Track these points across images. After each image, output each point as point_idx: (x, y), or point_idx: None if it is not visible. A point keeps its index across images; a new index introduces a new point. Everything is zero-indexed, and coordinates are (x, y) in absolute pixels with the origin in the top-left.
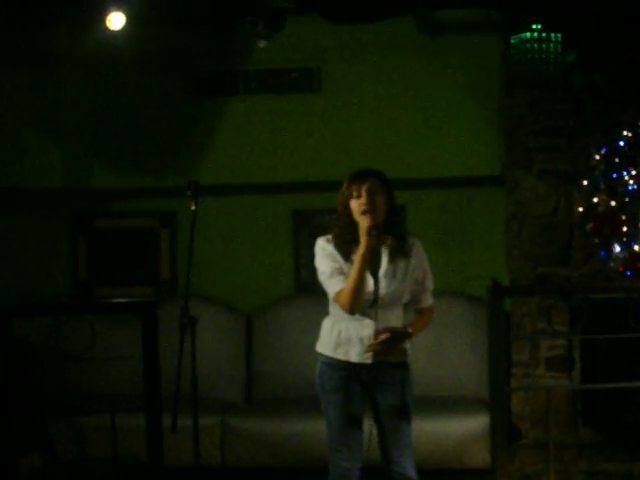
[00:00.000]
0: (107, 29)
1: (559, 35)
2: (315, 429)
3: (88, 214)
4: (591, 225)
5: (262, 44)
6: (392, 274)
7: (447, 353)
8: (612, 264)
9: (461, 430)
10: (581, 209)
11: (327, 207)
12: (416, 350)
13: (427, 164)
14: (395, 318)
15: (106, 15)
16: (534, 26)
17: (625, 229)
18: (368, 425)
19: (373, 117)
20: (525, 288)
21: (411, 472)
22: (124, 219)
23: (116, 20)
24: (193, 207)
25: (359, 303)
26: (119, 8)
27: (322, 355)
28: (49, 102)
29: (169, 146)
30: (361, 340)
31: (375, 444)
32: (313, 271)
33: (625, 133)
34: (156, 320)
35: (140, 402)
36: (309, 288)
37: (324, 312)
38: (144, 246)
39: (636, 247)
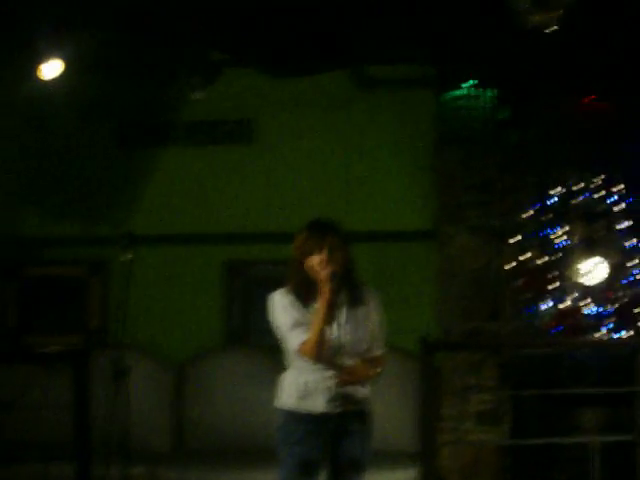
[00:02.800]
0: (41, 77)
1: (494, 91)
2: None
3: (17, 262)
4: (522, 281)
5: (197, 96)
6: (353, 321)
7: (376, 405)
8: (541, 320)
9: None
10: (512, 264)
11: (261, 258)
12: None
13: (359, 218)
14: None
15: (41, 63)
16: (467, 83)
17: (555, 285)
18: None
19: (306, 170)
20: (454, 344)
21: None
22: (54, 267)
23: (49, 69)
24: (130, 256)
25: (325, 351)
26: (55, 55)
27: (284, 409)
28: None
29: (101, 195)
30: (328, 389)
31: None
32: (244, 322)
33: (556, 189)
34: (87, 369)
35: (70, 451)
36: (240, 339)
37: (255, 363)
38: (73, 295)
39: (565, 304)
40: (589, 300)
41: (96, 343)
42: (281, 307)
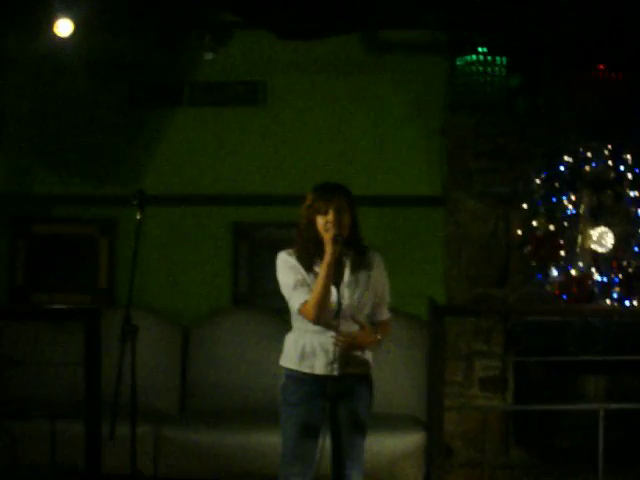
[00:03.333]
0: (54, 35)
1: (504, 59)
2: (248, 441)
3: (27, 219)
4: (529, 248)
5: (208, 56)
6: (355, 285)
7: (382, 370)
8: (549, 287)
9: (394, 447)
10: (520, 232)
11: (268, 221)
12: None
13: (368, 181)
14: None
15: (54, 21)
16: (480, 49)
17: (563, 253)
18: (321, 440)
19: (316, 133)
20: (463, 308)
21: None
22: (64, 225)
23: (64, 27)
24: (138, 216)
25: (324, 313)
26: (67, 15)
27: (286, 369)
28: None
29: (112, 154)
30: (326, 352)
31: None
32: (251, 284)
33: (566, 158)
34: (99, 328)
35: (79, 409)
36: (247, 301)
37: (261, 325)
38: (83, 253)
39: (573, 271)
40: (596, 268)
41: (104, 302)
42: (286, 267)
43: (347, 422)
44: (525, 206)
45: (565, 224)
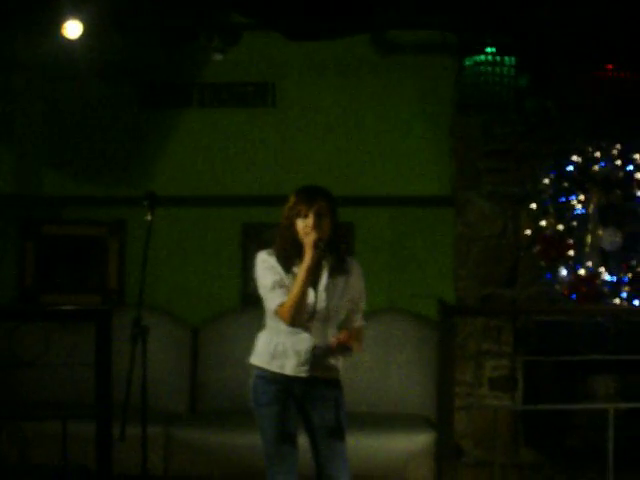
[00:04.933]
0: (63, 37)
1: (513, 59)
2: (258, 441)
3: (37, 221)
4: (538, 248)
5: (217, 57)
6: (331, 289)
7: (391, 370)
8: (557, 287)
9: (404, 446)
10: (529, 232)
11: (277, 222)
12: (361, 366)
13: (377, 182)
14: (331, 334)
15: (63, 23)
16: (488, 49)
17: (571, 253)
18: (305, 443)
19: (325, 134)
20: (472, 308)
21: None
22: (73, 227)
23: (72, 28)
24: (149, 217)
25: (300, 316)
26: (76, 16)
27: (256, 368)
28: (2, 107)
29: (121, 155)
30: (297, 353)
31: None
32: None
33: (574, 158)
34: (110, 328)
35: (90, 410)
36: (256, 301)
37: None
38: (92, 254)
39: (582, 271)
40: (605, 268)
41: (114, 303)
42: (264, 267)
43: (321, 426)
44: (534, 206)
45: (574, 224)
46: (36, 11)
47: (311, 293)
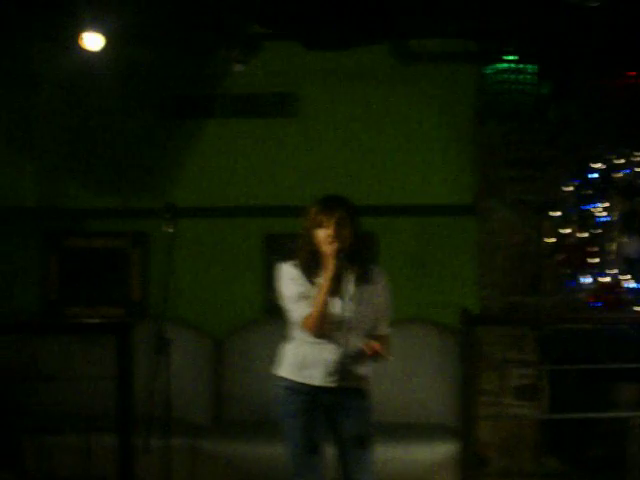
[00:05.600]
0: (85, 49)
1: (535, 66)
2: (283, 452)
3: (60, 233)
4: (561, 256)
5: (238, 68)
6: (358, 298)
7: (415, 379)
8: (581, 295)
9: (427, 456)
10: (552, 240)
11: (299, 232)
12: (384, 376)
13: (400, 191)
14: (358, 343)
15: (84, 34)
16: (510, 57)
17: (595, 261)
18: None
19: (347, 143)
20: (495, 317)
21: None
22: (96, 239)
23: (94, 41)
24: (171, 230)
25: (325, 327)
26: (97, 29)
27: (282, 379)
28: (23, 120)
29: (143, 167)
30: (325, 364)
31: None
32: None
33: (597, 166)
34: (131, 341)
35: (112, 422)
36: (279, 312)
37: None
38: (115, 266)
39: (605, 279)
40: (629, 275)
41: (137, 315)
42: (287, 279)
43: (348, 437)
44: (557, 214)
45: (597, 231)
46: (57, 24)
47: (337, 303)
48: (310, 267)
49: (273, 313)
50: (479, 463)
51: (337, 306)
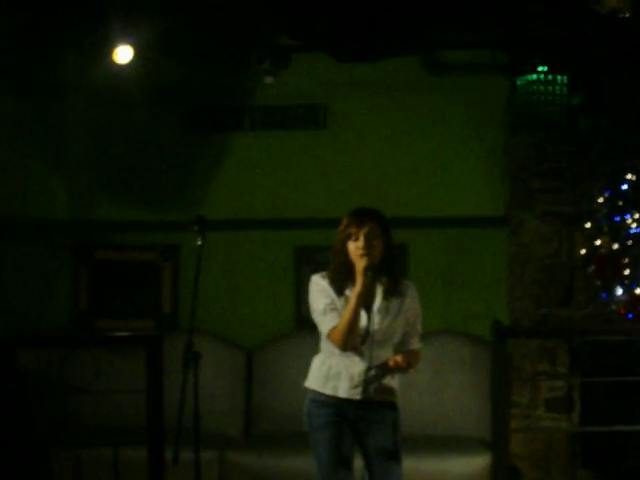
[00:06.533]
0: (114, 62)
1: (565, 77)
2: (313, 465)
3: (90, 246)
4: (593, 267)
5: (268, 80)
6: (385, 311)
7: (447, 392)
8: (614, 307)
9: (460, 469)
10: (583, 251)
11: (330, 244)
12: (415, 388)
13: (430, 203)
14: (386, 357)
15: (114, 48)
16: (540, 68)
17: (627, 272)
18: (361, 467)
19: (377, 155)
20: (526, 329)
21: None
22: (126, 251)
23: (123, 53)
24: (200, 242)
25: (352, 340)
26: (127, 41)
27: (311, 391)
28: (54, 132)
29: (173, 180)
30: (351, 376)
31: None
32: None
33: (629, 176)
34: (161, 354)
35: (142, 435)
36: (310, 324)
37: None
38: (146, 279)
39: (638, 290)
40: None
41: (168, 328)
42: (316, 290)
43: (376, 451)
44: (588, 225)
45: (629, 243)
46: (87, 36)
47: (364, 315)
48: (340, 279)
49: (304, 326)
50: (512, 476)
51: (364, 318)
